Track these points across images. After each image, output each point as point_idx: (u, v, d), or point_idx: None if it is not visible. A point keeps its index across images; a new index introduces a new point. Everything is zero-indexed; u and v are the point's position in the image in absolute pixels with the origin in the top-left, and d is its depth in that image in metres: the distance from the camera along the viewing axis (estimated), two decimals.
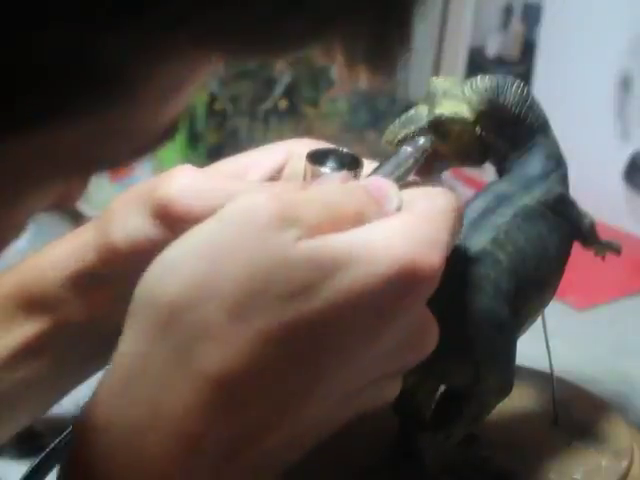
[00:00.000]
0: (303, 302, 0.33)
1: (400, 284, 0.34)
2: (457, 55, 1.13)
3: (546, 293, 0.47)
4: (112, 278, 0.45)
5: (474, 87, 0.47)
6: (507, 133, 0.48)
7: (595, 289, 0.78)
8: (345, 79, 1.17)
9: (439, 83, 0.48)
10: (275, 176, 0.46)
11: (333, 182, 0.40)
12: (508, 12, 1.05)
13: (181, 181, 0.42)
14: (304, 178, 0.43)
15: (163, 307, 0.33)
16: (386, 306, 0.34)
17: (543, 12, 1.00)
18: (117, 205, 0.46)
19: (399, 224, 0.36)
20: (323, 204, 0.36)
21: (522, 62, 1.02)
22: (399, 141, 0.47)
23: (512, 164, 0.48)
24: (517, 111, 0.48)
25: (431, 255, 0.35)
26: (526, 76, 0.99)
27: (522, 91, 0.48)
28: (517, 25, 1.04)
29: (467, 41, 1.12)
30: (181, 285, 0.33)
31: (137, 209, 0.43)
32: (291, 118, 1.11)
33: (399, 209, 0.37)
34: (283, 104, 1.10)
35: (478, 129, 0.47)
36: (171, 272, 0.34)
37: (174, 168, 0.44)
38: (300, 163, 0.43)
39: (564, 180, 0.49)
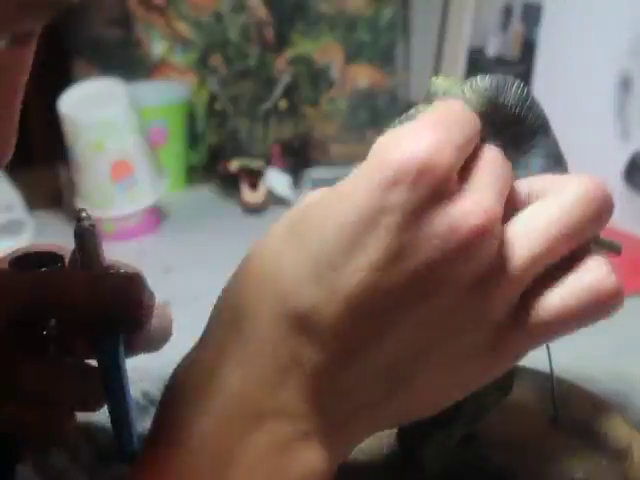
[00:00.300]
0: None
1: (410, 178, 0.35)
2: (457, 55, 1.13)
3: None
4: None
5: (474, 87, 0.47)
6: (507, 133, 0.48)
7: None
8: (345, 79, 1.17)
9: (439, 83, 0.48)
10: None
11: None
12: (508, 12, 1.05)
13: None
14: None
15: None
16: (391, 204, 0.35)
17: (543, 12, 1.00)
18: None
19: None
20: None
21: (522, 62, 1.02)
22: None
23: (512, 164, 0.48)
24: (517, 111, 0.47)
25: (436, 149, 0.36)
26: (526, 76, 0.99)
27: (522, 91, 0.48)
28: (517, 25, 1.04)
29: (467, 41, 1.12)
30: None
31: None
32: (291, 118, 1.11)
33: None
34: (283, 104, 1.10)
35: None
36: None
37: None
38: None
39: None
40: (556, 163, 0.49)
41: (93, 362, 0.45)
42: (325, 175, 1.12)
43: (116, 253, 1.06)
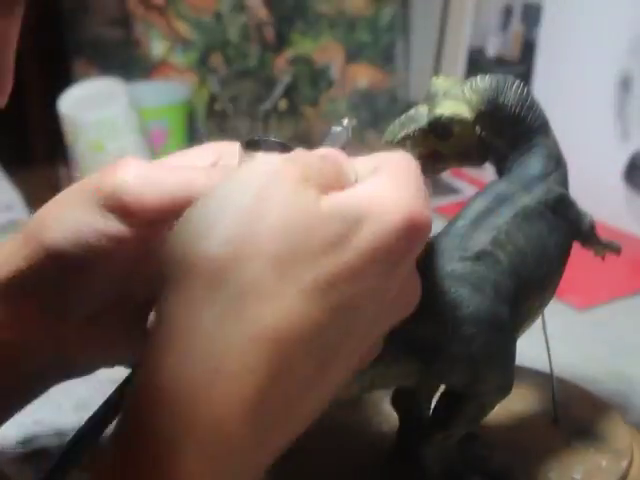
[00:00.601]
0: (338, 254, 0.34)
1: (407, 234, 0.36)
2: (457, 55, 1.13)
3: (546, 293, 0.48)
4: (39, 286, 0.44)
5: (474, 87, 0.47)
6: (507, 133, 0.48)
7: (595, 289, 0.78)
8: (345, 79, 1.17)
9: (439, 83, 0.48)
10: None
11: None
12: (508, 12, 1.05)
13: (131, 171, 0.42)
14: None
15: (208, 264, 0.33)
16: (397, 254, 0.36)
17: (543, 12, 1.00)
18: (48, 208, 0.45)
19: (387, 183, 0.37)
20: (318, 168, 0.37)
21: (522, 62, 1.02)
22: (399, 141, 0.47)
23: (512, 164, 0.48)
24: (517, 111, 0.48)
25: (425, 208, 0.36)
26: (526, 76, 0.99)
27: (522, 91, 0.48)
28: (517, 25, 1.04)
29: (467, 41, 1.12)
30: (224, 242, 0.34)
31: (80, 204, 0.43)
32: (291, 118, 1.11)
33: (355, 178, 0.38)
34: (283, 104, 1.10)
35: (478, 129, 0.47)
36: (211, 229, 0.34)
37: (118, 161, 0.43)
38: (232, 161, 0.44)
39: (564, 180, 0.49)
40: (556, 163, 0.49)
41: None
42: None
43: None
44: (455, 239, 0.45)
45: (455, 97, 0.47)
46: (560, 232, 0.47)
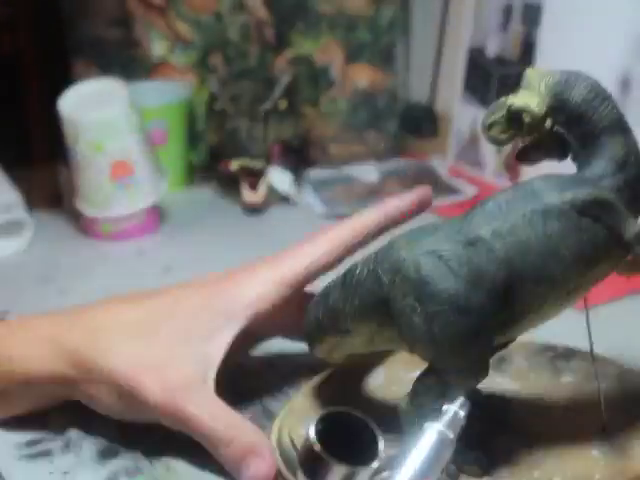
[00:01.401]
0: None
1: None
2: (457, 55, 1.13)
3: (557, 293, 0.47)
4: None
5: (548, 81, 0.47)
6: (575, 130, 0.48)
7: (595, 289, 0.78)
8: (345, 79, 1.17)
9: (530, 73, 0.48)
10: None
11: None
12: (508, 12, 1.05)
13: None
14: None
15: None
16: None
17: (543, 12, 1.00)
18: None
19: None
20: None
21: (522, 62, 1.02)
22: (487, 126, 0.48)
23: (579, 163, 0.49)
24: (581, 110, 0.47)
25: None
26: None
27: (589, 91, 0.47)
28: (517, 25, 1.04)
29: (467, 41, 1.12)
30: None
31: None
32: (291, 118, 1.11)
33: None
34: (283, 104, 1.10)
35: (549, 122, 0.47)
36: None
37: None
38: None
39: (626, 184, 0.48)
40: (618, 166, 0.48)
41: None
42: (324, 175, 1.12)
43: (116, 253, 1.06)
44: (455, 225, 0.47)
45: (532, 89, 0.47)
46: (585, 235, 0.46)
